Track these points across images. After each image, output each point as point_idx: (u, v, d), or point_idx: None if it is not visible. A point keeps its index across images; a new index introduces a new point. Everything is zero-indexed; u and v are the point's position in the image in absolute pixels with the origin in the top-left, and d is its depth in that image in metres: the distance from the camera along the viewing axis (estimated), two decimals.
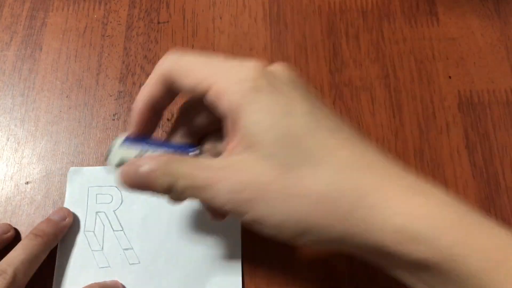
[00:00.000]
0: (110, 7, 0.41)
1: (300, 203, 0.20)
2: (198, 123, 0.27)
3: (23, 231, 0.34)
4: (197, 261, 0.33)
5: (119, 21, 0.41)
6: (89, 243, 0.33)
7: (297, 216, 0.20)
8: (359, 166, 0.21)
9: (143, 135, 0.27)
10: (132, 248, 0.33)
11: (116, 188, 0.34)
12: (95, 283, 0.31)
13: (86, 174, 0.35)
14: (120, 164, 0.25)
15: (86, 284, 0.32)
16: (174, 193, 0.23)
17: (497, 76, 0.38)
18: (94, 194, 0.34)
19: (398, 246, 0.20)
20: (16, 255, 0.30)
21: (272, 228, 0.21)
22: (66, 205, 0.34)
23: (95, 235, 0.33)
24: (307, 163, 0.21)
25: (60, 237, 0.33)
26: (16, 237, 0.33)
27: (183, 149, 0.26)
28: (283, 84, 0.23)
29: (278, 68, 0.24)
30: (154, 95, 0.25)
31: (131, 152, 0.26)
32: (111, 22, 0.41)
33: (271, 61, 0.39)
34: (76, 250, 0.33)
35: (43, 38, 0.40)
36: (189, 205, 0.34)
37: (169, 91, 0.25)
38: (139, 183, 0.23)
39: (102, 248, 0.33)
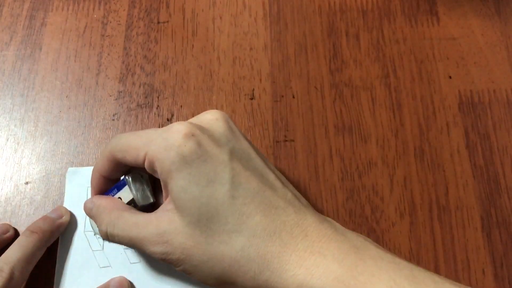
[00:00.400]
0: (110, 7, 0.41)
1: (217, 265, 0.24)
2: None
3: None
4: None
5: (119, 21, 0.41)
6: (89, 243, 0.33)
7: (216, 274, 0.25)
8: (267, 234, 0.24)
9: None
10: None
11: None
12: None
13: (84, 174, 0.35)
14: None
15: (87, 284, 0.32)
16: (109, 235, 0.28)
17: (497, 76, 0.38)
18: None
19: None
20: (13, 253, 0.30)
21: (199, 279, 0.25)
22: (65, 205, 0.34)
23: (95, 235, 0.33)
24: (224, 230, 0.24)
25: (57, 234, 0.33)
26: (15, 237, 0.33)
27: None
28: (212, 142, 0.25)
29: (209, 121, 0.27)
30: (103, 170, 0.29)
31: None
32: (111, 22, 0.41)
33: (271, 60, 0.39)
34: (76, 250, 0.33)
35: (43, 38, 0.40)
36: None
37: (118, 166, 0.28)
38: (90, 217, 0.30)
39: (103, 247, 0.33)
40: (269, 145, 0.36)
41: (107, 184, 0.30)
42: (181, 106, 0.38)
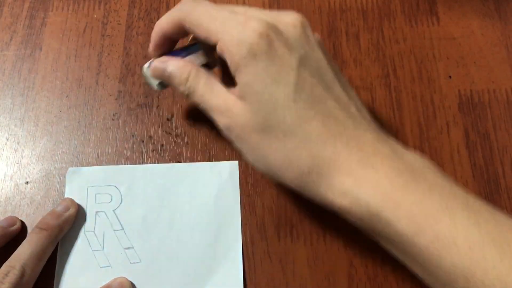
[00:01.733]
0: (110, 7, 0.41)
1: (269, 156, 0.26)
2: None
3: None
4: (198, 259, 0.33)
5: (119, 20, 0.41)
6: (89, 243, 0.33)
7: (266, 162, 0.26)
8: (321, 140, 0.25)
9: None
10: (133, 247, 0.33)
11: (115, 188, 0.35)
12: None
13: (84, 174, 0.35)
14: (160, 83, 0.31)
15: (87, 284, 0.32)
16: (187, 94, 0.29)
17: (497, 76, 0.38)
18: (93, 194, 0.34)
19: (343, 203, 0.24)
20: (23, 250, 0.30)
21: (251, 161, 0.27)
22: None
23: (95, 235, 0.33)
24: (280, 129, 0.25)
25: (66, 228, 0.33)
26: (22, 230, 0.33)
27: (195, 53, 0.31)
28: (284, 46, 0.26)
29: (286, 24, 0.27)
30: (168, 31, 0.30)
31: None
32: (111, 22, 0.41)
33: None
34: (76, 250, 0.33)
35: (43, 38, 0.40)
36: (188, 204, 0.34)
37: (182, 31, 0.29)
38: (162, 78, 0.30)
39: (103, 247, 0.33)
40: None
41: (168, 43, 0.31)
42: (181, 106, 0.38)
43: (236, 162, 0.35)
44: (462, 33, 0.40)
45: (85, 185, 0.35)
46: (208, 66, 0.31)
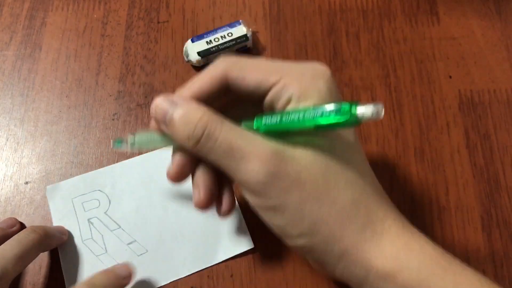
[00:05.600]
0: (110, 7, 0.41)
1: (325, 207, 0.23)
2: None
3: None
4: (202, 230, 0.33)
5: (119, 20, 0.41)
6: (91, 250, 0.33)
7: (314, 219, 0.23)
8: (375, 195, 0.24)
9: None
10: (135, 241, 0.33)
11: (99, 192, 0.35)
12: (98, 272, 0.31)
13: (65, 188, 0.35)
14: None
15: None
16: (197, 148, 0.23)
17: (497, 76, 0.38)
18: (80, 203, 0.34)
19: (387, 265, 0.23)
20: (10, 248, 0.29)
21: (287, 223, 0.24)
22: (54, 222, 0.34)
23: (94, 241, 0.33)
24: (338, 180, 0.23)
25: (53, 245, 0.32)
26: None
27: None
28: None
29: (323, 74, 0.25)
30: (204, 89, 0.25)
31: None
32: (110, 22, 0.41)
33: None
34: (81, 261, 0.33)
35: (43, 37, 0.40)
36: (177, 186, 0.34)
37: (220, 89, 0.25)
38: (163, 123, 0.24)
39: (106, 250, 0.33)
40: None
41: None
42: None
43: None
44: (462, 33, 0.40)
45: (69, 197, 0.34)
46: None
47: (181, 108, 0.24)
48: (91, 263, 0.32)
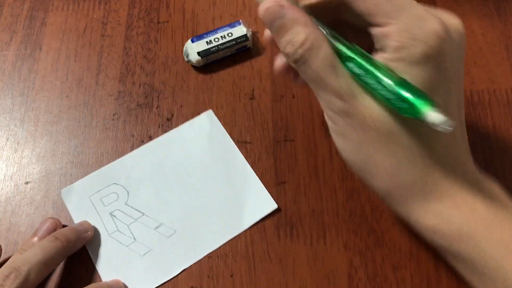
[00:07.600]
0: (110, 7, 0.41)
1: (374, 157, 0.25)
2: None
3: (23, 231, 0.34)
4: (225, 201, 0.34)
5: (119, 20, 0.41)
6: (120, 242, 0.33)
7: (365, 160, 0.25)
8: (432, 163, 0.25)
9: None
10: (162, 224, 0.34)
11: (115, 184, 0.35)
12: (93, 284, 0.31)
13: (79, 188, 0.35)
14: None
15: (138, 272, 0.32)
16: (295, 62, 0.25)
17: (497, 76, 0.38)
18: (98, 199, 0.34)
19: (430, 223, 0.25)
20: (33, 254, 0.29)
21: (344, 148, 0.26)
22: (76, 222, 0.34)
23: (121, 233, 0.33)
24: (406, 138, 0.24)
25: (79, 246, 0.32)
26: None
27: None
28: (449, 61, 0.24)
29: (459, 35, 0.26)
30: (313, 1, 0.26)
31: None
32: (110, 22, 0.41)
33: (271, 60, 0.39)
34: (112, 254, 0.33)
35: (43, 38, 0.40)
36: (188, 163, 0.35)
37: (330, 7, 0.26)
38: (269, 26, 0.25)
39: (135, 239, 0.33)
40: (269, 145, 0.36)
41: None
42: (181, 106, 0.38)
43: (210, 110, 0.37)
44: None
45: (86, 196, 0.35)
46: None
47: (289, 23, 0.24)
48: (123, 254, 0.33)
